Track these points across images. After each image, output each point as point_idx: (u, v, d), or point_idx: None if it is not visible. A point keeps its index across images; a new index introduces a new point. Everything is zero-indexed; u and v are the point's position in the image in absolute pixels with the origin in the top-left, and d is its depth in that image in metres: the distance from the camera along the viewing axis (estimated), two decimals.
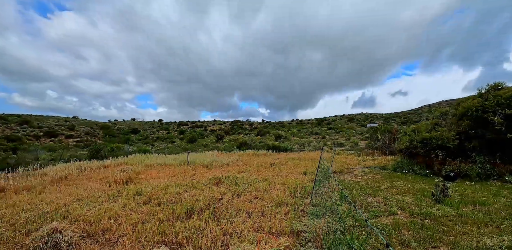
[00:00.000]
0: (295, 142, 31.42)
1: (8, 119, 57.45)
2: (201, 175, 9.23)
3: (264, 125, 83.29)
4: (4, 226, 4.09)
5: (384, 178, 8.06)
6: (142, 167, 11.05)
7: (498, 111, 7.48)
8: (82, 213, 4.64)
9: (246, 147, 22.74)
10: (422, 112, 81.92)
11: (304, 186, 6.71)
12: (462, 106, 8.68)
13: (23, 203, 5.44)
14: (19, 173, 9.32)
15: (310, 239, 3.53)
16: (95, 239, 3.66)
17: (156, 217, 4.38)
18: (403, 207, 4.87)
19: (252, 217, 4.35)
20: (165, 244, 3.44)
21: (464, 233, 3.63)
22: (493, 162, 7.62)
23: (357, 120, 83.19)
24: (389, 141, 15.86)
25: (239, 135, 60.84)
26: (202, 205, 5.04)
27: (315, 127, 71.88)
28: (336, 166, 10.83)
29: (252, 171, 10.13)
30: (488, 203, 5.03)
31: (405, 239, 3.45)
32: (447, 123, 10.01)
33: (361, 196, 5.83)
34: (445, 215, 4.39)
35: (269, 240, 3.42)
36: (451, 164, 8.13)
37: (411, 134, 10.44)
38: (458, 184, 7.01)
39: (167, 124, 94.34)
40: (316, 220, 4.12)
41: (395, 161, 10.63)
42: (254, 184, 6.98)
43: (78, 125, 68.87)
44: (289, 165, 11.41)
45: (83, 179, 8.60)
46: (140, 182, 7.94)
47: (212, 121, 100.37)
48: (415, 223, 4.00)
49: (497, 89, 8.46)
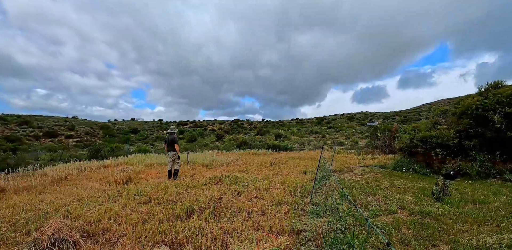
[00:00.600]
0: (295, 141, 31.43)
1: (8, 119, 57.42)
2: (201, 175, 9.24)
3: (264, 124, 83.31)
4: (4, 226, 4.09)
5: (384, 177, 8.07)
6: (142, 167, 11.05)
7: (498, 110, 7.47)
8: (82, 213, 4.64)
9: (246, 146, 22.74)
10: (422, 111, 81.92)
11: (304, 185, 6.72)
12: (462, 104, 8.68)
13: (23, 203, 5.44)
14: (19, 173, 9.32)
15: (310, 238, 3.53)
16: (95, 239, 3.67)
17: (156, 217, 4.38)
18: (403, 206, 4.87)
19: (252, 216, 4.35)
20: (165, 244, 3.44)
21: (464, 232, 3.63)
22: (493, 161, 7.63)
23: (356, 119, 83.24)
24: (389, 140, 15.86)
25: (239, 134, 60.84)
26: (202, 205, 5.04)
27: (315, 126, 71.92)
28: (336, 165, 10.83)
29: (252, 170, 10.13)
30: (488, 201, 5.04)
31: (405, 238, 3.45)
32: (447, 122, 10.01)
33: (361, 194, 5.84)
34: (445, 213, 4.40)
35: (269, 239, 3.42)
36: (451, 163, 8.13)
37: (411, 132, 10.44)
38: (458, 183, 7.01)
39: (167, 124, 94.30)
40: (316, 219, 4.12)
41: (395, 160, 10.64)
42: (254, 183, 6.99)
43: (77, 125, 68.85)
44: (289, 164, 11.41)
45: (83, 179, 8.60)
46: (140, 181, 7.94)
47: (212, 121, 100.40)
48: (415, 222, 4.00)
49: (497, 88, 8.45)
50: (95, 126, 75.34)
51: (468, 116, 8.30)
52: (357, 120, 78.32)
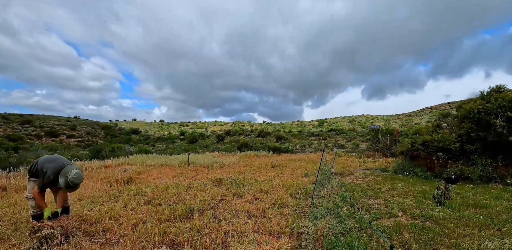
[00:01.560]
0: (296, 144, 31.40)
1: (10, 118, 57.80)
2: (202, 176, 9.24)
3: (265, 126, 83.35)
4: (6, 225, 4.10)
5: (385, 180, 8.04)
6: (143, 167, 11.07)
7: (500, 114, 7.46)
8: (83, 213, 4.65)
9: (246, 148, 22.75)
10: (424, 114, 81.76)
11: (305, 188, 6.71)
12: (464, 108, 8.67)
13: (24, 202, 5.46)
14: (21, 172, 9.35)
15: (311, 240, 3.53)
16: (95, 239, 3.67)
17: (157, 217, 4.39)
18: (404, 209, 4.86)
19: (252, 218, 4.35)
20: (166, 244, 3.44)
21: (465, 236, 3.61)
22: (495, 165, 7.60)
23: (358, 122, 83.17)
24: (390, 143, 15.83)
25: (240, 136, 60.86)
26: (203, 206, 5.04)
27: (316, 128, 71.88)
28: (337, 168, 10.81)
29: (252, 172, 10.12)
30: (489, 205, 5.01)
31: (406, 241, 3.44)
32: (448, 125, 10.00)
33: (362, 198, 5.82)
34: (446, 217, 4.38)
35: (270, 241, 3.42)
36: (453, 166, 8.10)
37: (413, 136, 10.42)
38: (460, 187, 6.98)
39: (168, 124, 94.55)
40: (317, 221, 4.12)
41: (396, 163, 10.61)
42: (254, 185, 6.98)
43: (79, 124, 69.16)
44: (290, 166, 11.40)
45: (84, 178, 8.62)
46: (141, 182, 7.95)
47: (213, 123, 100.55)
48: (416, 225, 3.98)
49: (499, 92, 8.45)
50: (96, 126, 75.65)
51: (470, 120, 8.29)
52: (358, 123, 78.23)
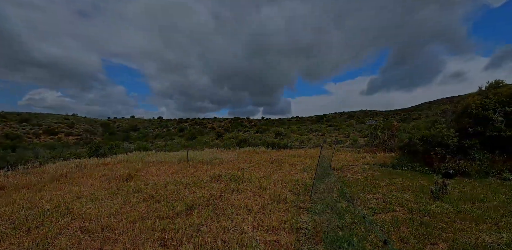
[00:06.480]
0: (295, 139, 31.45)
1: (8, 117, 57.38)
2: (201, 172, 9.24)
3: (263, 122, 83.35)
4: (4, 224, 4.10)
5: (384, 175, 8.08)
6: (142, 164, 11.05)
7: (498, 109, 7.47)
8: (82, 211, 4.65)
9: (245, 144, 22.73)
10: (422, 109, 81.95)
11: (304, 183, 6.73)
12: (462, 104, 8.68)
13: (22, 201, 5.45)
14: (19, 171, 9.32)
15: (310, 235, 3.55)
16: (95, 236, 3.67)
17: (156, 214, 4.39)
18: (402, 204, 4.89)
19: (251, 214, 4.36)
20: (165, 241, 3.45)
21: (463, 230, 3.65)
22: (492, 159, 7.64)
23: (356, 117, 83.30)
24: (388, 138, 15.88)
25: (239, 132, 60.82)
26: (202, 202, 5.05)
27: (314, 124, 71.96)
28: (335, 163, 10.85)
29: (251, 168, 10.14)
30: (486, 200, 5.05)
31: (404, 236, 3.47)
32: (446, 120, 10.00)
33: (360, 193, 5.85)
34: (444, 212, 4.41)
35: (269, 237, 3.43)
36: (451, 161, 8.14)
37: (411, 131, 10.44)
38: (457, 181, 7.03)
39: (167, 121, 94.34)
40: (316, 217, 4.14)
41: (394, 158, 10.65)
42: (253, 181, 6.99)
43: (77, 122, 68.82)
44: (288, 162, 11.42)
45: (83, 176, 8.60)
46: (140, 179, 7.95)
47: (212, 119, 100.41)
48: (414, 220, 4.01)
49: (497, 87, 8.44)
50: (95, 123, 75.33)
51: (468, 116, 8.29)
52: (357, 119, 78.37)
